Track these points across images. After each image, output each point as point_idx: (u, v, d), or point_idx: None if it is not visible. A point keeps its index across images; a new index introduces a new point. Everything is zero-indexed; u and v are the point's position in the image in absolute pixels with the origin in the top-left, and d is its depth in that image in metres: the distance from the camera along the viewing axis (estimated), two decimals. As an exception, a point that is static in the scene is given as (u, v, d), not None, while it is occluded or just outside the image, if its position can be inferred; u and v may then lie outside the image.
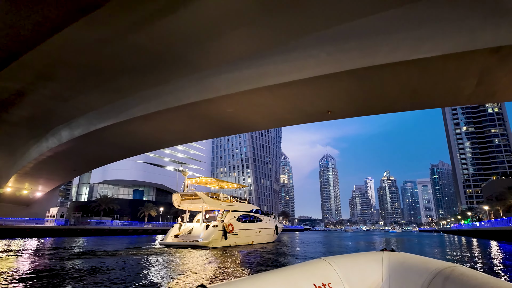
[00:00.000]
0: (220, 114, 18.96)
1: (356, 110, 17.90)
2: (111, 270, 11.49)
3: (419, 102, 15.97)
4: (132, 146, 26.40)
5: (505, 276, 11.05)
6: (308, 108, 17.71)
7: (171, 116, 19.50)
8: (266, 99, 16.67)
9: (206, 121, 20.31)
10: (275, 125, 21.73)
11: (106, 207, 63.14)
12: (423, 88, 14.29)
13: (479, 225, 62.13)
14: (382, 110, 17.77)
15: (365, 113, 18.39)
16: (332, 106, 17.38)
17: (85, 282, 9.13)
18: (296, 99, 16.50)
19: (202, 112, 18.70)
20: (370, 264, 2.32)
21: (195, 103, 17.32)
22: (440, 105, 16.46)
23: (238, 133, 24.98)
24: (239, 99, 16.64)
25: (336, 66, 13.23)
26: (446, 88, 13.96)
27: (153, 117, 19.75)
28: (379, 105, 16.89)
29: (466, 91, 14.06)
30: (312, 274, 2.09)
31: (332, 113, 18.16)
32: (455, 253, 21.41)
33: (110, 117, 21.51)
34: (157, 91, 18.65)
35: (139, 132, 22.63)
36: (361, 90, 15.20)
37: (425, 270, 2.02)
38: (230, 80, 15.84)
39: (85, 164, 33.41)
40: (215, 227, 22.74)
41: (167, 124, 21.07)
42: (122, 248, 21.68)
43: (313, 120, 20.00)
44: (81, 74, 17.96)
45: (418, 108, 16.85)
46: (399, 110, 17.33)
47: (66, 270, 11.41)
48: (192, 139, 25.64)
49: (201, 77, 16.75)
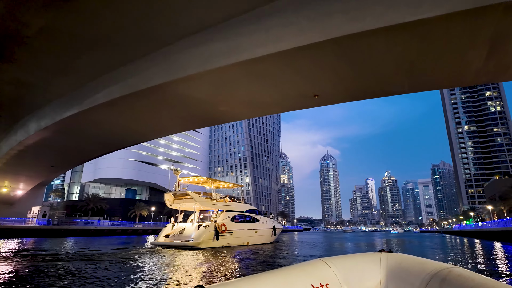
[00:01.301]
0: (192, 99, 16.74)
1: (346, 94, 15.65)
2: (71, 276, 9.84)
3: (418, 81, 13.73)
4: (104, 139, 24.20)
5: (506, 278, 10.54)
6: (291, 91, 15.48)
7: (138, 102, 17.30)
8: (241, 79, 14.46)
9: (178, 108, 18.09)
10: (257, 113, 19.44)
11: (94, 206, 60.94)
12: (422, 63, 12.06)
13: (482, 225, 60.00)
14: (376, 93, 15.52)
15: (356, 97, 16.11)
16: (319, 89, 15.16)
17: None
18: (276, 79, 14.29)
19: (172, 96, 16.48)
20: (368, 265, 2.30)
21: (162, 85, 15.12)
22: (442, 85, 14.21)
23: (217, 124, 22.76)
24: (209, 79, 14.44)
25: (319, 34, 11.03)
26: (450, 61, 11.73)
27: (118, 104, 17.56)
28: (372, 86, 14.65)
29: (474, 65, 11.83)
30: (309, 275, 2.07)
31: (319, 97, 15.94)
32: (457, 255, 20.04)
33: (74, 105, 19.37)
34: (121, 73, 16.48)
35: (107, 122, 20.45)
36: (350, 67, 12.98)
37: (422, 271, 2.01)
38: (198, 56, 13.66)
39: (62, 160, 31.25)
40: (206, 227, 22.08)
41: (135, 112, 18.86)
42: (102, 250, 19.82)
43: (299, 106, 17.75)
44: (39, 55, 15.87)
45: (417, 90, 14.60)
46: (395, 92, 15.10)
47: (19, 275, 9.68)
48: (168, 131, 23.37)
49: (166, 53, 14.58)
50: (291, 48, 11.63)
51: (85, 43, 14.65)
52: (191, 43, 13.63)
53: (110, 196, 76.83)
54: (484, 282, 1.67)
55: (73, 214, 60.58)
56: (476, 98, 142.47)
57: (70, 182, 78.41)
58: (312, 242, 38.25)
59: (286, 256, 18.71)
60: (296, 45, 11.52)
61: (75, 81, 18.29)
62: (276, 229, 31.26)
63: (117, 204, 70.81)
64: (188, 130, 25.37)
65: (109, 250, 19.90)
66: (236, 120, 21.27)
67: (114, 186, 78.66)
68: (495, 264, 14.79)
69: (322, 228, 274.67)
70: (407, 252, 2.63)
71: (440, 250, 24.78)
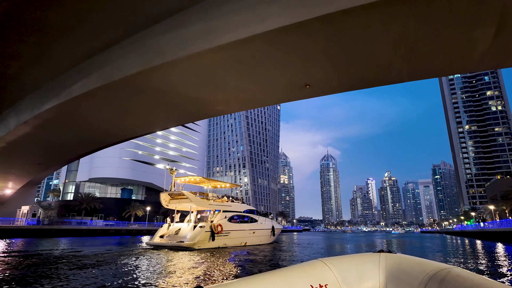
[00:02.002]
0: (174, 90, 15.53)
1: (339, 83, 14.43)
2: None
3: (418, 67, 12.51)
4: (88, 134, 22.97)
5: (508, 279, 10.36)
6: (280, 79, 14.27)
7: (116, 94, 16.09)
8: (226, 67, 13.27)
9: (161, 101, 16.84)
10: (247, 105, 18.19)
11: (87, 206, 59.66)
12: (422, 45, 10.85)
13: (483, 226, 58.82)
14: (372, 82, 14.30)
15: (350, 87, 14.88)
16: (310, 77, 13.95)
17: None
18: (262, 65, 13.08)
19: (151, 87, 15.27)
20: (367, 266, 2.31)
21: (139, 73, 13.91)
22: (444, 71, 12.96)
23: (206, 118, 21.54)
24: (190, 67, 13.25)
25: (307, 10, 9.83)
26: (453, 42, 10.52)
27: (96, 95, 16.35)
28: (367, 74, 13.43)
29: (480, 47, 10.62)
30: (309, 275, 2.07)
31: (311, 87, 14.73)
32: (459, 256, 19.36)
33: (51, 97, 18.18)
34: (96, 62, 15.31)
35: (88, 116, 19.23)
36: (342, 51, 11.77)
37: (421, 272, 2.02)
38: (176, 40, 12.47)
39: (48, 157, 30.03)
40: (202, 227, 21.71)
41: (115, 105, 17.64)
42: (87, 252, 18.58)
43: (290, 97, 16.51)
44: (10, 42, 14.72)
45: (416, 78, 13.39)
46: (392, 80, 13.88)
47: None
48: (154, 126, 22.02)
49: (142, 39, 13.40)
50: (277, 27, 10.44)
51: (55, 29, 13.50)
52: (168, 26, 12.45)
53: (105, 195, 75.59)
54: (482, 283, 1.68)
55: (67, 214, 59.35)
56: (477, 97, 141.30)
57: (65, 181, 77.16)
58: (309, 242, 37.12)
59: (279, 256, 17.51)
60: (282, 24, 10.32)
61: (51, 71, 17.13)
62: (275, 230, 30.77)
63: (112, 204, 69.55)
64: (175, 126, 24.13)
65: (91, 252, 18.67)
66: (226, 114, 19.99)
67: (110, 186, 77.39)
68: (498, 265, 14.22)
69: (322, 229, 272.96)
70: (407, 253, 2.58)
71: (441, 252, 23.66)
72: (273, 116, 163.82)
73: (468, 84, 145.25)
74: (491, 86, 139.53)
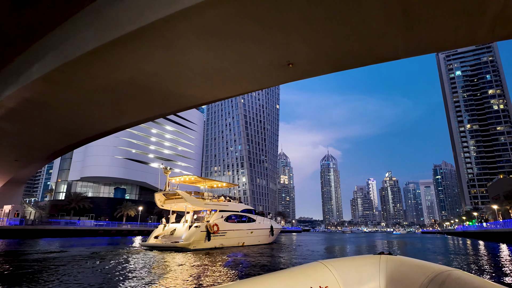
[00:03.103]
0: (137, 70, 13.71)
1: (326, 61, 12.57)
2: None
3: (416, 38, 10.65)
4: (59, 126, 21.03)
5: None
6: (259, 56, 12.42)
7: (74, 77, 14.24)
8: (190, 39, 11.42)
9: (124, 84, 14.95)
10: (226, 90, 16.24)
11: (76, 205, 57.78)
12: (419, 7, 9.01)
13: (486, 226, 57.05)
14: (364, 60, 12.43)
15: (340, 66, 12.99)
16: (293, 53, 12.10)
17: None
18: (236, 38, 11.24)
19: (112, 67, 13.46)
20: (368, 268, 2.30)
21: (96, 51, 12.09)
22: (447, 44, 11.05)
23: (181, 109, 19.57)
24: (151, 39, 11.41)
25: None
26: (457, 3, 8.68)
27: (55, 79, 14.51)
28: (357, 49, 11.56)
29: (489, 11, 8.76)
30: (309, 277, 2.06)
31: (295, 66, 12.88)
32: (462, 259, 18.00)
33: (11, 83, 16.41)
34: (52, 38, 13.50)
35: (53, 104, 17.35)
36: (326, 19, 9.93)
37: (421, 274, 2.01)
38: (132, 8, 10.67)
39: (24, 153, 28.21)
40: (197, 227, 21.28)
41: (76, 90, 15.76)
42: (65, 254, 16.83)
43: (273, 79, 14.60)
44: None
45: (415, 53, 11.52)
46: (387, 57, 12.02)
47: None
48: (127, 117, 19.61)
49: (96, 9, 11.60)
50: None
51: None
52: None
53: (98, 195, 73.80)
54: (483, 285, 1.67)
55: (56, 214, 57.55)
56: (478, 96, 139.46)
57: (57, 180, 75.36)
58: (299, 244, 35.34)
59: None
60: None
61: (8, 52, 15.32)
62: (274, 230, 30.31)
63: (103, 204, 67.73)
64: (152, 118, 22.14)
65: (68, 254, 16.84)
66: (202, 103, 17.93)
67: (103, 185, 75.54)
68: (503, 268, 13.37)
69: (323, 229, 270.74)
70: (408, 255, 2.56)
71: (442, 255, 21.91)
72: (272, 115, 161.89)
73: (469, 82, 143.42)
74: (493, 85, 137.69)
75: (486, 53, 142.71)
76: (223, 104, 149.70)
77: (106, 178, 72.80)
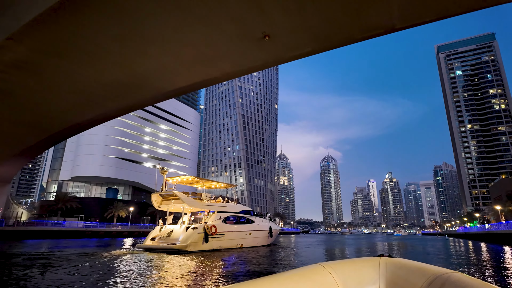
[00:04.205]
0: (91, 46, 11.83)
1: (309, 34, 10.67)
2: None
3: (413, 4, 8.79)
4: (21, 116, 19.19)
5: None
6: (230, 27, 10.52)
7: (20, 53, 12.39)
8: (149, 5, 9.58)
9: (77, 64, 13.10)
10: (197, 73, 14.21)
11: (63, 206, 55.81)
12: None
13: (488, 228, 55.25)
14: (353, 35, 10.49)
15: (326, 41, 11.05)
16: (268, 22, 10.23)
17: None
18: (201, 4, 9.38)
19: (63, 43, 11.60)
20: (367, 270, 2.28)
21: (39, 22, 10.25)
22: (449, 9, 9.07)
23: (156, 102, 17.80)
24: (105, 8, 9.57)
25: None
26: None
27: (2, 58, 12.69)
28: (344, 21, 9.68)
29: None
30: (309, 280, 2.04)
31: (272, 39, 11.01)
32: (465, 261, 17.46)
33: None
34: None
35: (4, 88, 15.50)
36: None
37: (421, 276, 2.00)
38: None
39: (-2, 149, 26.41)
40: (195, 229, 20.76)
41: (25, 70, 13.84)
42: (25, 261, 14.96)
43: (249, 57, 12.56)
44: None
45: (413, 20, 9.56)
46: (380, 30, 10.08)
47: None
48: (94, 106, 17.62)
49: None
50: None
51: None
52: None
53: (90, 195, 71.92)
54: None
55: (44, 214, 55.65)
56: (479, 95, 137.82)
57: (48, 180, 73.49)
58: (289, 246, 33.57)
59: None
60: None
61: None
62: (273, 231, 30.07)
63: (94, 204, 65.85)
64: (121, 113, 20.24)
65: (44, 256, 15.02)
66: (172, 90, 15.76)
67: (95, 185, 73.59)
68: (506, 271, 12.96)
69: (323, 231, 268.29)
70: (409, 257, 2.52)
71: (444, 260, 20.30)
72: (270, 115, 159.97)
73: (470, 82, 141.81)
74: (494, 84, 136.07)
75: (487, 52, 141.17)
76: (220, 104, 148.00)
77: (97, 178, 70.92)
